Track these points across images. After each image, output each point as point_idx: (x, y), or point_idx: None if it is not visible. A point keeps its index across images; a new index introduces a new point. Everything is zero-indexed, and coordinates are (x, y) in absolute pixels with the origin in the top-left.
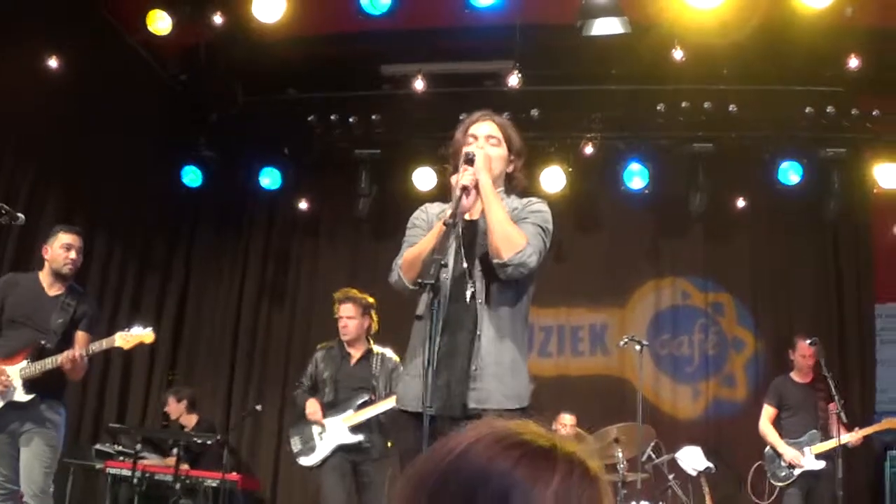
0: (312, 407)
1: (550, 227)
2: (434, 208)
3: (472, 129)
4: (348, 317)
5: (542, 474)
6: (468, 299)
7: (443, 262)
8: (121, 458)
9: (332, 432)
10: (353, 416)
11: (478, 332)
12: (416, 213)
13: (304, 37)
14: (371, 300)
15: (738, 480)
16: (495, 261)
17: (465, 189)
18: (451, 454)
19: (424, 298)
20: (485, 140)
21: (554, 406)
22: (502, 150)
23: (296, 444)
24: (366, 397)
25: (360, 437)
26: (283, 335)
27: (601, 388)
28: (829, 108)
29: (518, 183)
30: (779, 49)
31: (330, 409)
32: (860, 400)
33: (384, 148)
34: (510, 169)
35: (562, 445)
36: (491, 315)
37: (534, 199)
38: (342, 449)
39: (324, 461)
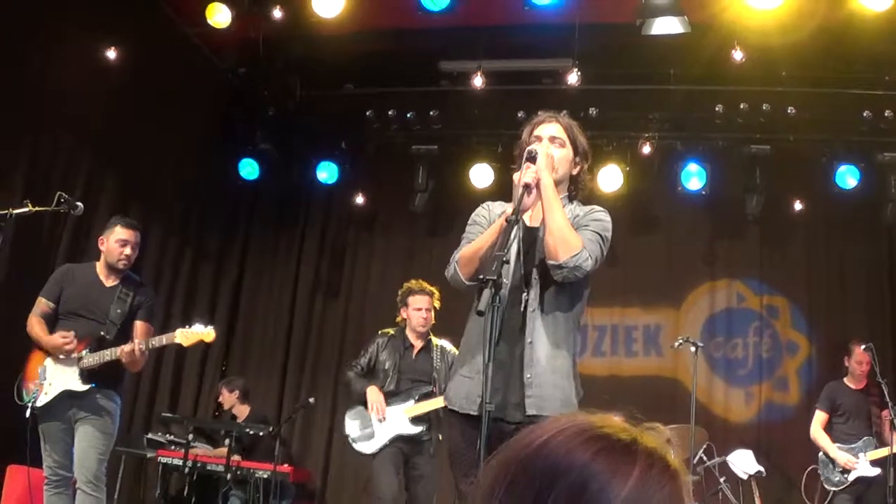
0: (376, 397)
1: (609, 235)
2: (496, 207)
3: (538, 130)
4: (427, 309)
5: (620, 468)
6: (523, 305)
7: (504, 259)
8: (172, 447)
9: (391, 421)
10: (414, 408)
11: (530, 340)
12: (478, 210)
13: (362, 32)
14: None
15: (789, 484)
16: (550, 262)
17: (526, 187)
18: (532, 445)
19: (485, 295)
20: (549, 141)
21: (606, 406)
22: (567, 152)
23: (353, 429)
24: (428, 389)
25: (419, 429)
26: (336, 329)
27: (654, 388)
28: (888, 112)
29: (583, 185)
30: (838, 52)
31: (390, 397)
32: None
33: (441, 144)
34: (575, 171)
35: (643, 440)
36: (546, 322)
37: (596, 208)
38: (399, 439)
39: (379, 450)
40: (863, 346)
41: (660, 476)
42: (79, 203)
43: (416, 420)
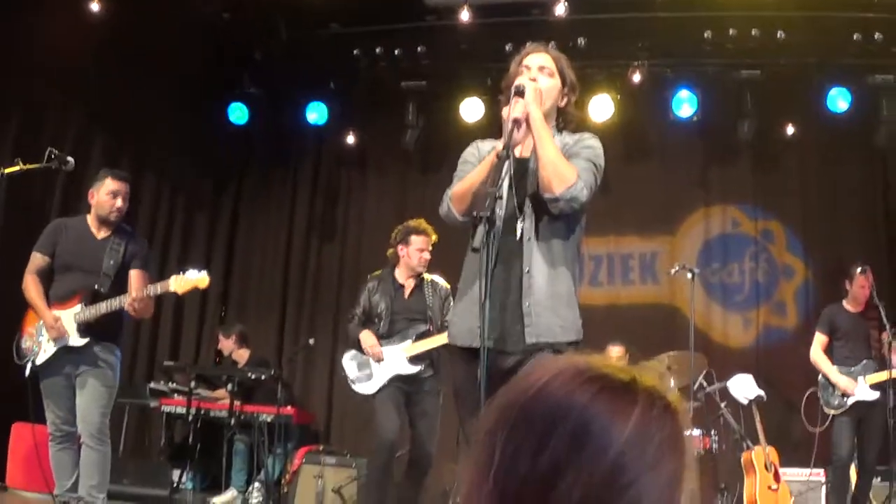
0: (370, 340)
1: (602, 162)
2: (485, 144)
3: (526, 61)
4: (428, 249)
5: (621, 408)
6: (518, 235)
7: (497, 195)
8: (175, 395)
9: (389, 361)
10: (412, 347)
11: (527, 269)
12: (468, 149)
13: None
14: None
15: (789, 408)
16: (546, 195)
17: (516, 122)
18: (531, 388)
19: (480, 231)
20: (538, 70)
21: (605, 335)
22: (555, 82)
23: (351, 369)
24: (424, 327)
25: (418, 368)
26: (333, 268)
27: (652, 316)
28: (877, 35)
29: (571, 117)
30: None
31: (386, 339)
32: None
33: (430, 80)
34: (563, 103)
35: (641, 379)
36: (542, 250)
37: (586, 135)
38: (398, 379)
39: (379, 390)
40: (860, 269)
41: (661, 415)
42: (69, 158)
43: (414, 359)
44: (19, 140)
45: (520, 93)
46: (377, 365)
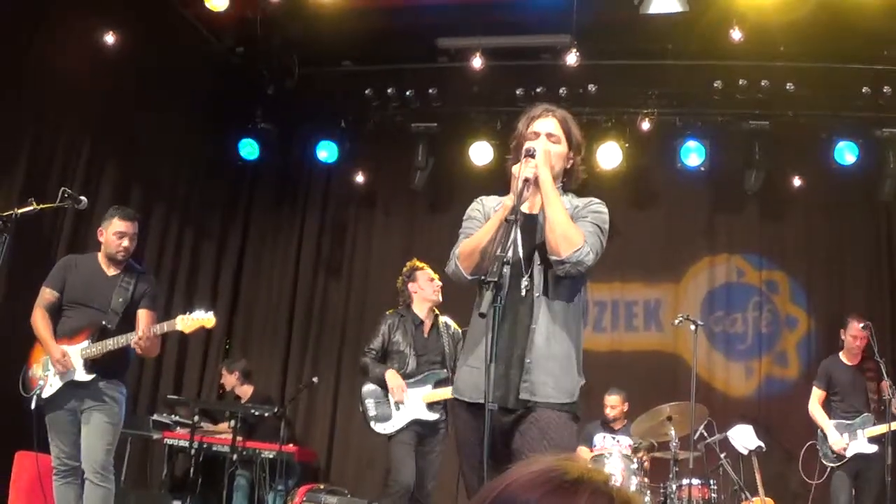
0: (397, 381)
1: (607, 228)
2: (490, 201)
3: (534, 126)
4: (437, 277)
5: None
6: (524, 292)
7: (506, 260)
8: (178, 428)
9: (410, 405)
10: (431, 394)
11: (533, 325)
12: (473, 206)
13: (360, 9)
14: None
15: (789, 459)
16: (552, 258)
17: (526, 181)
18: (490, 495)
19: (487, 297)
20: (546, 138)
21: (607, 381)
22: (562, 148)
23: (371, 407)
24: (444, 374)
25: (436, 416)
26: (338, 307)
27: (654, 364)
28: (886, 88)
29: (577, 177)
30: (837, 27)
31: (408, 380)
32: None
33: (440, 121)
34: (569, 165)
35: (589, 476)
36: (547, 308)
37: (594, 200)
38: (416, 423)
39: (397, 432)
40: (861, 325)
41: None
42: (82, 197)
43: (432, 406)
44: (31, 171)
45: (531, 155)
46: (396, 406)
